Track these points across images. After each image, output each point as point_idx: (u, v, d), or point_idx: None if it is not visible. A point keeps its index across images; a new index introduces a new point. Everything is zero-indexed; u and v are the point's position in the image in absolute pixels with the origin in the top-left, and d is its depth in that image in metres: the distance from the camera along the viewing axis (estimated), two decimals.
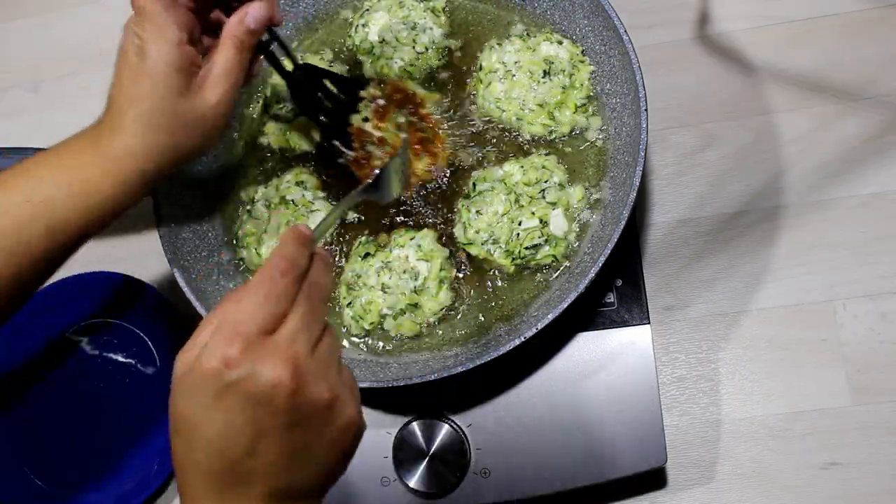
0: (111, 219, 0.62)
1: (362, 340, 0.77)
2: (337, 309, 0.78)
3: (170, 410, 0.48)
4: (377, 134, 0.80)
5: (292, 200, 0.79)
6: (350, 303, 0.76)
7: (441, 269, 0.75)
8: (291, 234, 0.50)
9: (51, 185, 0.60)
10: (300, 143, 0.83)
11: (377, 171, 0.66)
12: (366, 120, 0.80)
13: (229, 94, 0.63)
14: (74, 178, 0.60)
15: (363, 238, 0.79)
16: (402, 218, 0.79)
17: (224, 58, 0.62)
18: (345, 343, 0.78)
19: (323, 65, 0.85)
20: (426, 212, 0.79)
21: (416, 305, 0.75)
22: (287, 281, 0.48)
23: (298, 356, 0.47)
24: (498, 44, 0.81)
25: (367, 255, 0.77)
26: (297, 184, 0.80)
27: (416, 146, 0.79)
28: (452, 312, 0.76)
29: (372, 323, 0.75)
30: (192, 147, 0.63)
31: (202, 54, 0.63)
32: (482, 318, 0.75)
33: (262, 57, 0.69)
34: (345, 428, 0.50)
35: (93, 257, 0.93)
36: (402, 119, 0.80)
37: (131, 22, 0.60)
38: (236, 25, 0.62)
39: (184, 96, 0.60)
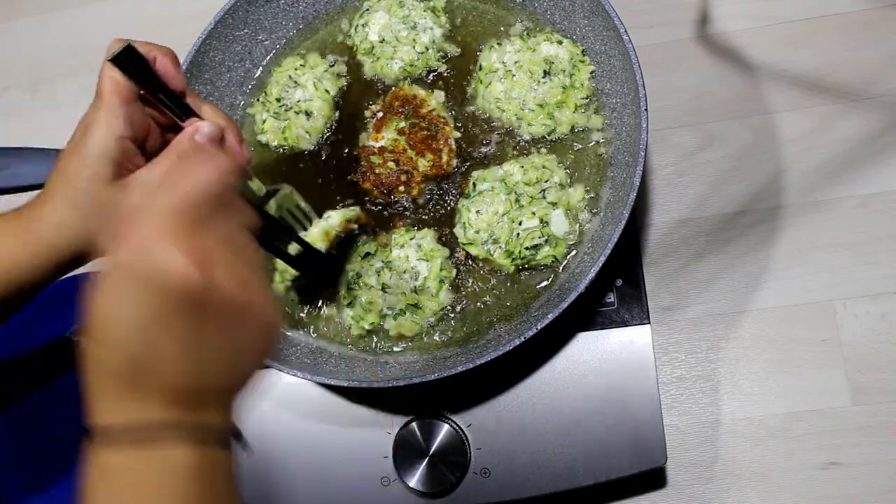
0: (29, 292, 0.62)
1: (363, 340, 0.77)
2: (337, 309, 0.78)
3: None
4: (377, 144, 0.80)
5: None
6: (350, 303, 0.76)
7: (441, 269, 0.75)
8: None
9: None
10: (299, 142, 0.83)
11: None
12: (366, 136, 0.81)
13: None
14: None
15: (364, 237, 0.79)
16: (403, 217, 0.79)
17: (161, 166, 0.61)
18: (346, 343, 0.78)
19: (323, 65, 0.85)
20: (426, 211, 0.79)
21: (416, 305, 0.75)
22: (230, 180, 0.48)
23: (207, 250, 0.45)
24: (498, 44, 0.81)
25: (367, 254, 0.77)
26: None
27: (420, 145, 0.79)
28: (452, 313, 0.76)
29: (372, 323, 0.75)
30: (96, 246, 0.62)
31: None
32: (482, 318, 0.75)
33: None
34: (262, 330, 0.47)
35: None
36: (402, 123, 0.80)
37: (92, 102, 0.61)
38: (183, 138, 0.61)
39: (109, 187, 0.60)
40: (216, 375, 0.46)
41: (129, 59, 0.57)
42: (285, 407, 0.79)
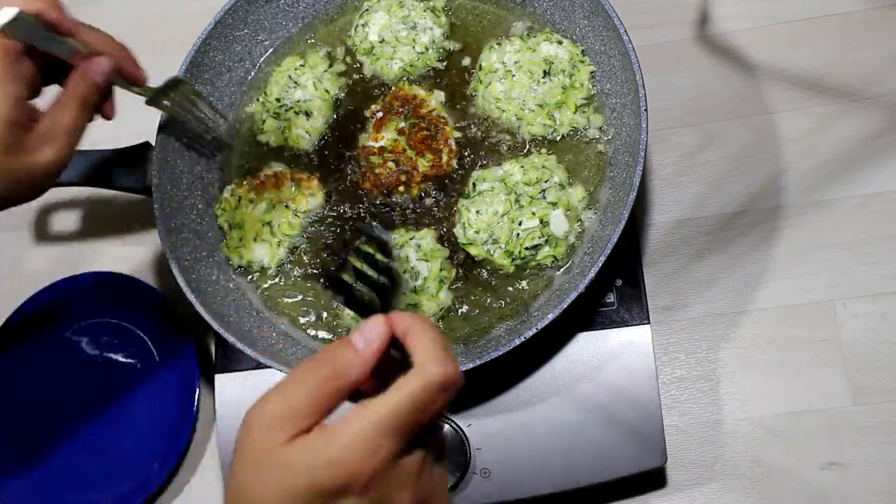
0: None
1: None
2: (334, 308, 0.78)
3: (237, 464, 0.44)
4: (377, 145, 0.80)
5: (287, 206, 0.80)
6: None
7: (441, 270, 0.75)
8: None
9: None
10: (299, 142, 0.83)
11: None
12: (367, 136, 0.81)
13: (67, 153, 0.61)
14: None
15: (363, 238, 0.79)
16: (403, 218, 0.79)
17: (63, 115, 0.60)
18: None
19: (323, 65, 0.85)
20: (426, 211, 0.79)
21: (415, 306, 0.75)
22: (442, 404, 0.45)
23: (416, 484, 0.44)
24: (498, 44, 0.81)
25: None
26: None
27: (420, 145, 0.79)
28: (452, 313, 0.76)
29: None
30: (16, 198, 0.61)
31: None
32: (482, 319, 0.75)
33: (113, 100, 0.66)
34: None
35: (93, 257, 0.93)
36: (402, 124, 0.80)
37: None
38: (80, 81, 0.60)
39: (13, 152, 0.57)
40: None
41: (21, 25, 0.55)
42: None
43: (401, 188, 0.79)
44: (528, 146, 0.79)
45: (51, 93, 0.63)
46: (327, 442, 0.43)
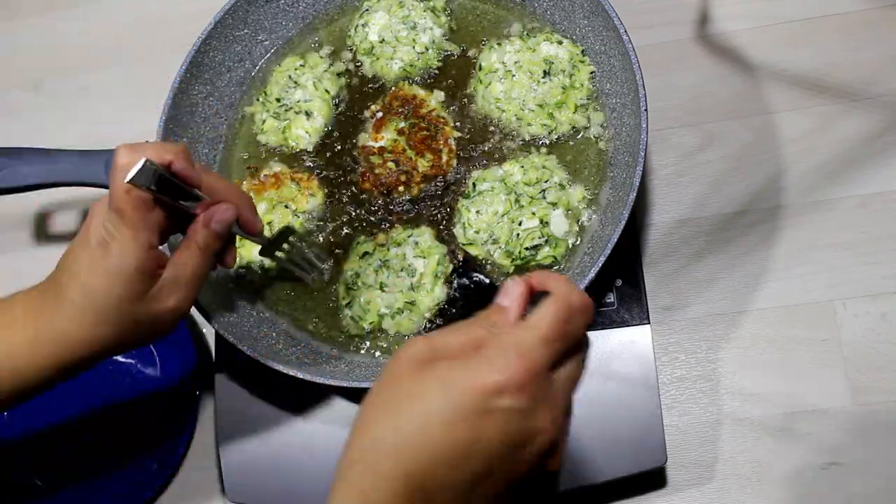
0: (33, 394, 0.60)
1: (363, 340, 0.77)
2: (334, 308, 0.78)
3: (384, 386, 0.46)
4: (377, 145, 0.80)
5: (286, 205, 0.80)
6: (349, 303, 0.76)
7: (438, 265, 0.75)
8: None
9: None
10: (299, 142, 0.83)
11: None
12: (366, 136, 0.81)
13: (188, 300, 0.61)
14: (6, 351, 0.58)
15: (362, 237, 0.79)
16: (403, 217, 0.79)
17: (186, 263, 0.60)
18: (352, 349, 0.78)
19: (323, 65, 0.85)
20: (426, 212, 0.79)
21: (412, 303, 0.75)
22: (583, 325, 0.48)
23: (561, 406, 0.47)
24: (498, 44, 0.81)
25: (365, 253, 0.77)
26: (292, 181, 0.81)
27: (420, 145, 0.79)
28: (452, 312, 0.76)
29: (371, 323, 0.75)
30: (137, 343, 0.61)
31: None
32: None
33: (235, 248, 0.67)
34: (547, 470, 0.48)
35: None
36: (402, 124, 0.80)
37: (101, 209, 0.58)
38: (201, 229, 0.60)
39: (141, 300, 0.58)
40: None
41: (149, 176, 0.55)
42: (285, 407, 0.79)
43: (401, 188, 0.79)
44: (528, 146, 0.79)
45: None
46: (485, 352, 0.45)
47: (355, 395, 0.78)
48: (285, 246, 0.75)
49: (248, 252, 0.79)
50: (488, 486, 0.44)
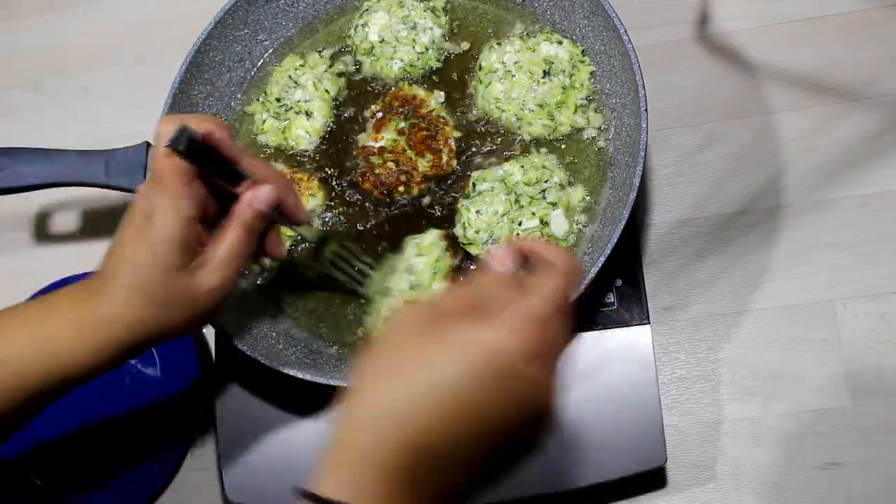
0: (76, 384, 0.60)
1: (363, 341, 0.77)
2: (335, 309, 0.78)
3: (387, 351, 0.45)
4: (377, 145, 0.80)
5: None
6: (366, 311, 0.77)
7: (437, 260, 0.75)
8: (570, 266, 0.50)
9: (21, 342, 0.57)
10: (298, 142, 0.83)
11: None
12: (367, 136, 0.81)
13: (230, 280, 0.60)
14: (46, 337, 0.57)
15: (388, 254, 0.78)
16: (403, 219, 0.79)
17: (230, 241, 0.60)
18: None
19: (323, 65, 0.85)
20: (426, 212, 0.79)
21: (413, 302, 0.75)
22: (574, 293, 0.50)
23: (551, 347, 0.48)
24: (498, 44, 0.81)
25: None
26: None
27: (420, 145, 0.79)
28: None
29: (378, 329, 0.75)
30: (179, 325, 0.60)
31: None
32: None
33: (280, 238, 0.67)
34: (546, 428, 0.48)
35: (92, 257, 0.93)
36: (402, 124, 0.80)
37: (146, 185, 0.58)
38: (245, 207, 0.60)
39: (181, 274, 0.57)
40: (474, 481, 0.45)
41: (186, 140, 0.54)
42: (285, 407, 0.79)
43: (401, 188, 0.79)
44: (528, 146, 0.79)
45: None
46: (499, 314, 0.45)
47: None
48: (333, 251, 0.74)
49: None
50: (497, 451, 0.44)
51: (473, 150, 0.80)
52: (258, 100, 0.85)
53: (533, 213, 0.74)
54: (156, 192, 0.57)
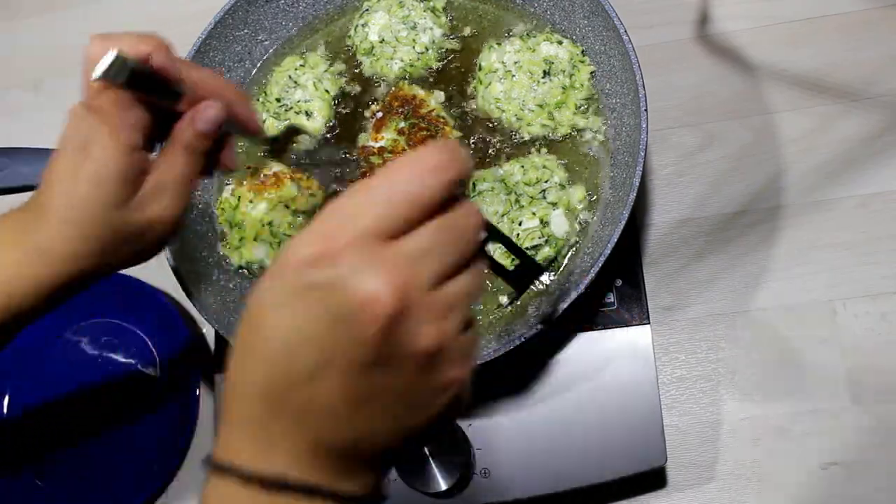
0: (25, 320, 0.56)
1: None
2: None
3: (246, 305, 0.39)
4: (377, 145, 0.80)
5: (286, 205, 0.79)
6: None
7: None
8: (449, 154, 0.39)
9: None
10: (299, 142, 0.83)
11: None
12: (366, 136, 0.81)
13: (177, 208, 0.56)
14: None
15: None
16: None
17: (171, 166, 0.55)
18: None
19: (323, 65, 0.85)
20: None
21: None
22: (433, 186, 0.38)
23: (413, 279, 0.37)
24: (498, 44, 0.81)
25: None
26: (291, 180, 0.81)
27: (420, 145, 0.79)
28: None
29: None
30: (125, 258, 0.56)
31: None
32: (481, 319, 0.75)
33: (234, 149, 0.60)
34: (440, 389, 0.39)
35: None
36: (402, 124, 0.80)
37: (78, 113, 0.53)
38: (186, 128, 0.54)
39: (123, 208, 0.53)
40: (376, 440, 0.39)
41: (122, 72, 0.49)
42: None
43: None
44: (528, 146, 0.79)
45: None
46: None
47: None
48: (301, 146, 0.66)
49: (248, 251, 0.79)
50: (335, 375, 0.37)
51: (473, 149, 0.80)
52: (258, 100, 0.85)
53: (533, 213, 0.74)
54: (91, 124, 0.52)
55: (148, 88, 0.52)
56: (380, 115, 0.81)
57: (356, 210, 0.37)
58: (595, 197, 0.77)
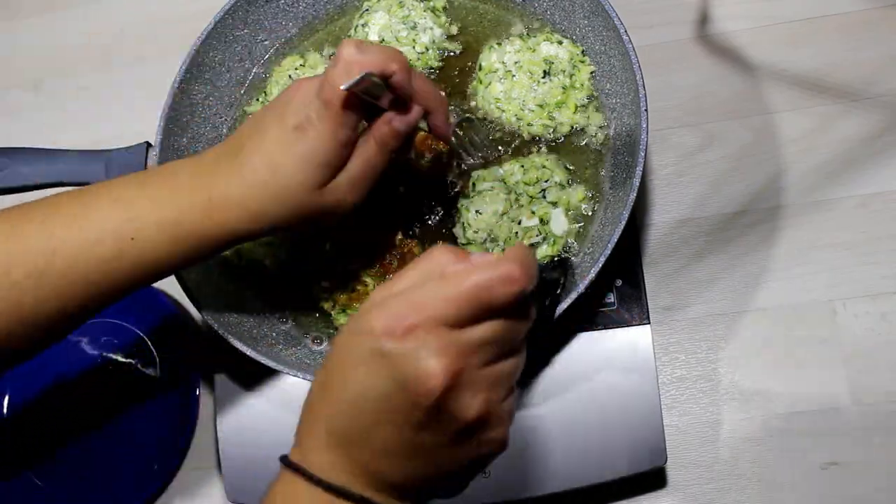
0: (163, 273, 0.59)
1: None
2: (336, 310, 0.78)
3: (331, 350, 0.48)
4: None
5: None
6: (345, 310, 0.76)
7: None
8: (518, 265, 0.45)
9: (148, 221, 0.56)
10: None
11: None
12: None
13: (359, 197, 0.61)
14: (171, 218, 0.57)
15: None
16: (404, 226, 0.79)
17: (364, 159, 0.60)
18: None
19: (323, 65, 0.85)
20: (427, 211, 0.79)
21: None
22: (501, 295, 0.44)
23: (467, 362, 0.44)
24: (498, 44, 0.81)
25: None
26: None
27: (419, 145, 0.79)
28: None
29: None
30: (293, 228, 0.61)
31: None
32: None
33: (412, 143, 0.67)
34: (483, 449, 0.47)
35: None
36: None
37: (306, 92, 0.57)
38: (384, 126, 0.59)
39: (316, 191, 0.58)
40: (422, 482, 0.47)
41: (365, 87, 0.55)
42: (285, 407, 0.79)
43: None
44: (528, 146, 0.79)
45: None
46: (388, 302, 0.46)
47: None
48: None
49: (248, 251, 0.79)
50: (392, 427, 0.45)
51: (473, 149, 0.80)
52: (258, 100, 0.85)
53: (533, 213, 0.74)
54: (317, 110, 0.56)
55: (375, 95, 0.57)
56: None
57: (429, 301, 0.44)
58: (595, 197, 0.77)
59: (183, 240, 0.57)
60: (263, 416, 0.78)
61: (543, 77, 0.78)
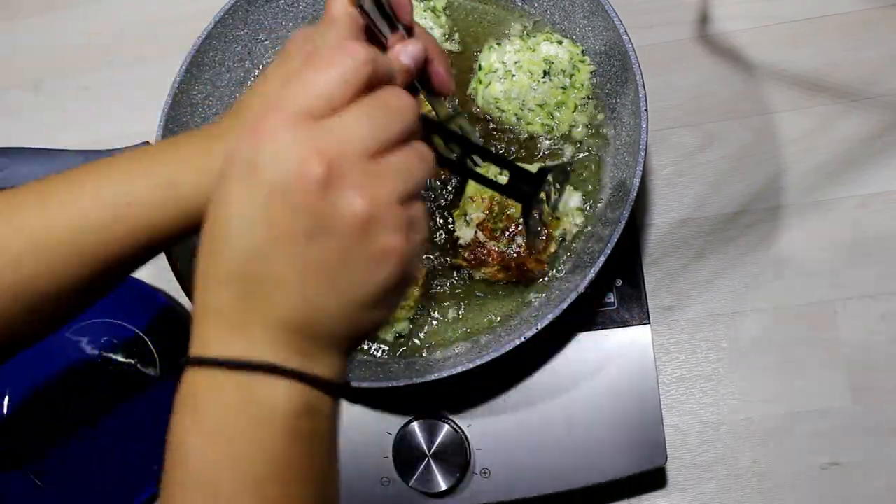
0: (182, 233, 0.55)
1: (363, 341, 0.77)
2: None
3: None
4: None
5: None
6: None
7: None
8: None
9: (147, 185, 0.54)
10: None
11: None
12: None
13: None
14: (167, 181, 0.54)
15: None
16: None
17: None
18: None
19: None
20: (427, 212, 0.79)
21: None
22: (365, 67, 0.40)
23: (341, 149, 0.39)
24: (498, 44, 0.81)
25: None
26: None
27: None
28: (452, 311, 0.76)
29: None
30: None
31: None
32: (481, 319, 0.75)
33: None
34: (379, 257, 0.41)
35: None
36: None
37: (305, 32, 0.56)
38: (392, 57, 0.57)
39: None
40: (329, 315, 0.41)
41: (373, 1, 0.53)
42: None
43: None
44: (528, 146, 0.79)
45: None
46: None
47: (355, 396, 0.78)
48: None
49: None
50: (281, 248, 0.40)
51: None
52: None
53: None
54: (323, 35, 0.54)
55: (377, 18, 0.55)
56: None
57: (285, 96, 0.40)
58: (595, 197, 0.77)
59: (182, 201, 0.54)
60: None
61: (543, 77, 0.78)
